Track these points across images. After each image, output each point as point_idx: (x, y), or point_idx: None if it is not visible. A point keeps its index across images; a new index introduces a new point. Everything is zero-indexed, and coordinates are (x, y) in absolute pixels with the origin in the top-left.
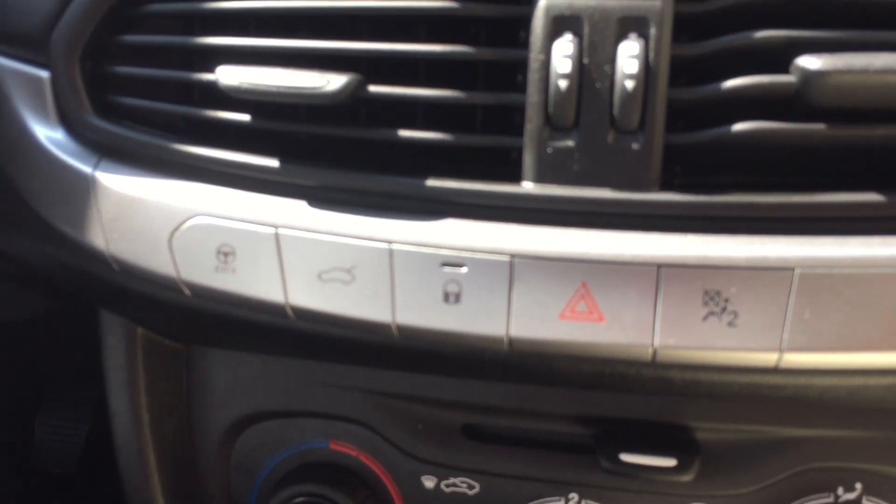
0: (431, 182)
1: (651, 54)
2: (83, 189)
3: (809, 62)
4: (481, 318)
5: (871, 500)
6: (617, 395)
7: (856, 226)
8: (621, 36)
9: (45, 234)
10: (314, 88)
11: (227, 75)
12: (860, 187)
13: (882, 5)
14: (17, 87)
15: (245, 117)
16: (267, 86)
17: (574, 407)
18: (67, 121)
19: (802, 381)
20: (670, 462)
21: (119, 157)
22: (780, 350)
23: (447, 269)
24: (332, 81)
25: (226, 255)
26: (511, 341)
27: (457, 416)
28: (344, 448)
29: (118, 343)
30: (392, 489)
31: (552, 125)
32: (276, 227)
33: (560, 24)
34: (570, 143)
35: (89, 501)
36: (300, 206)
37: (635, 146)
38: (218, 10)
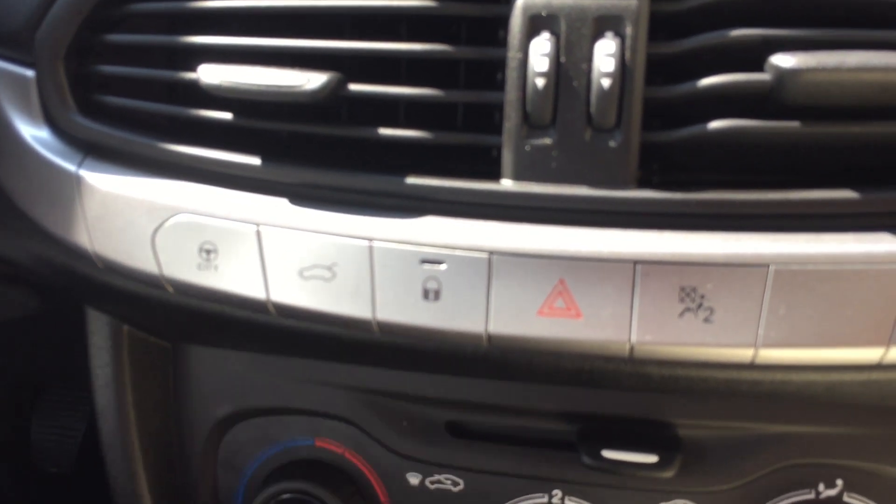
0: (411, 180)
1: (627, 53)
2: (67, 187)
3: (783, 60)
4: (460, 315)
5: (851, 497)
6: (599, 392)
7: (831, 222)
8: (598, 35)
9: (29, 231)
10: (294, 87)
11: (209, 74)
12: (835, 184)
13: (855, 5)
14: (2, 86)
15: (227, 116)
16: (247, 84)
17: (557, 404)
18: (52, 119)
19: (779, 376)
20: (651, 458)
21: (103, 155)
22: (756, 346)
23: (426, 266)
24: (312, 80)
25: (208, 252)
26: (490, 338)
27: (441, 413)
28: (329, 445)
29: (104, 341)
30: (377, 486)
31: (530, 123)
32: (257, 224)
33: (537, 23)
34: (547, 140)
35: (88, 500)
36: (282, 203)
37: (612, 144)
38: (201, 9)
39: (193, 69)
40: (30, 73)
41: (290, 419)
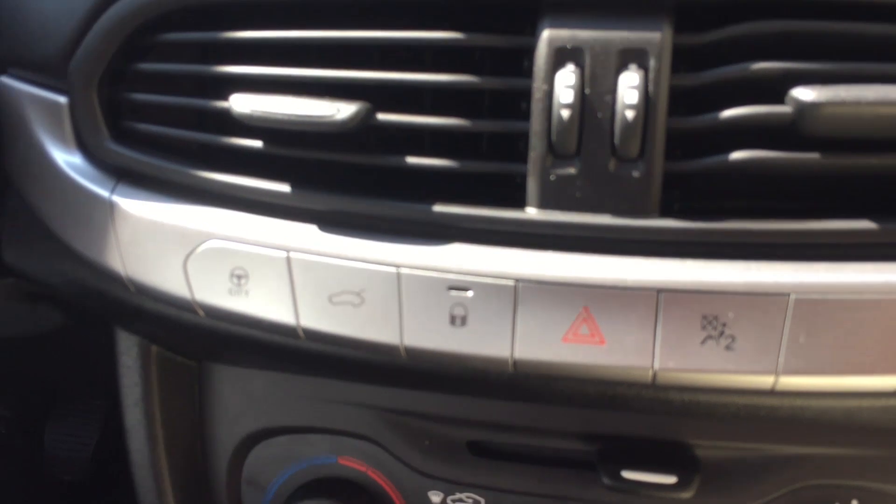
0: (438, 207)
1: (651, 85)
2: (101, 212)
3: (803, 94)
4: (486, 341)
5: None
6: (619, 413)
7: (850, 252)
8: (622, 67)
9: (62, 254)
10: (325, 117)
11: (240, 103)
12: (855, 213)
13: (872, 38)
14: (35, 112)
15: (258, 143)
16: (278, 114)
17: (577, 424)
18: (85, 146)
19: (799, 402)
20: (671, 479)
21: (136, 181)
22: (777, 373)
23: (453, 293)
24: (342, 110)
25: (239, 277)
26: (515, 363)
27: (462, 432)
28: (352, 463)
29: (133, 361)
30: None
31: (555, 153)
32: (287, 250)
33: (562, 55)
34: (572, 170)
35: None
36: (311, 230)
37: (636, 174)
38: (231, 39)
39: (224, 97)
40: (62, 99)
41: (314, 437)
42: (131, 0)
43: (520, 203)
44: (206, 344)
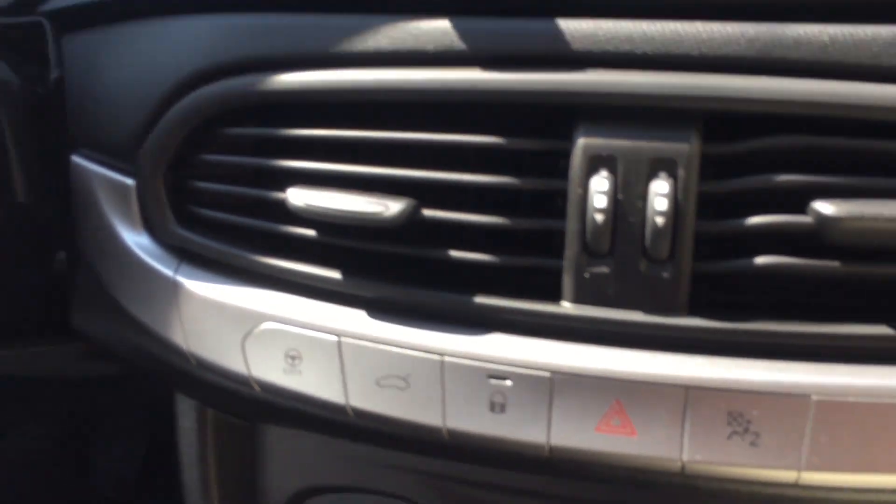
0: (479, 299)
1: (679, 193)
2: (165, 290)
3: (824, 207)
4: (524, 428)
5: None
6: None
7: (870, 354)
8: (652, 174)
9: (128, 325)
10: (374, 213)
11: (296, 197)
12: (876, 314)
13: (891, 155)
14: (105, 192)
15: (311, 233)
16: (331, 209)
17: (614, 497)
18: (151, 227)
19: (822, 495)
20: None
21: (198, 262)
22: (799, 469)
23: (493, 382)
24: (390, 207)
25: (293, 358)
26: (551, 449)
27: (501, 499)
28: None
29: (191, 424)
30: None
31: (589, 252)
32: (339, 335)
33: (596, 161)
34: (605, 269)
35: None
36: (360, 315)
37: (665, 275)
38: (288, 136)
39: (281, 187)
40: (130, 181)
41: (359, 496)
42: (195, 97)
43: (555, 294)
44: (261, 412)
